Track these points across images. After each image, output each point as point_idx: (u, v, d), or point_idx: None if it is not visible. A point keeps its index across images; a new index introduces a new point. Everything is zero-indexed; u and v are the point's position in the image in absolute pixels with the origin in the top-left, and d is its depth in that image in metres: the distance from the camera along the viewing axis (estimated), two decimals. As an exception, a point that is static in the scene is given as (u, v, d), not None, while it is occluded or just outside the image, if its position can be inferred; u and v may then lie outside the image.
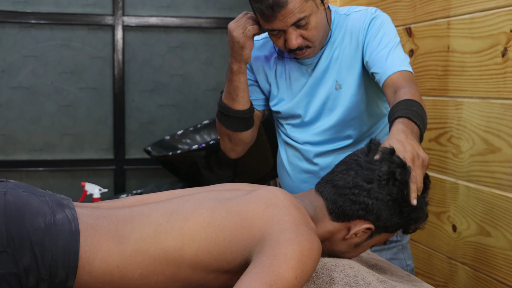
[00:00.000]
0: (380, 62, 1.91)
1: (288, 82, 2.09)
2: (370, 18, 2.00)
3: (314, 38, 1.93)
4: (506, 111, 2.02)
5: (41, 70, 3.98)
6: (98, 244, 1.50)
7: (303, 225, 1.50)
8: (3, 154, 3.97)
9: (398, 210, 1.60)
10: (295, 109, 2.08)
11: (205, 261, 1.51)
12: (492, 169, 2.10)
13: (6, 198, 1.49)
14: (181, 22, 4.12)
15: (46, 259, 1.45)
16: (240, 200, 1.56)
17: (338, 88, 2.02)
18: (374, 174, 1.58)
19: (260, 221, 1.50)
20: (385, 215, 1.60)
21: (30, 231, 1.46)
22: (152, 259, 1.51)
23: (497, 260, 2.09)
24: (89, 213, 1.57)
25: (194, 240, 1.51)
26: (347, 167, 1.64)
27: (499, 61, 2.05)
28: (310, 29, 1.90)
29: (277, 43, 1.96)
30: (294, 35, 1.89)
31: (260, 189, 1.61)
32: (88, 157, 4.09)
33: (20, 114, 3.97)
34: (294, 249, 1.43)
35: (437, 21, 2.38)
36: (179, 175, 3.77)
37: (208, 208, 1.55)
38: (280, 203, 1.54)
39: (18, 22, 3.92)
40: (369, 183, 1.59)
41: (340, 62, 2.02)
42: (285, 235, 1.45)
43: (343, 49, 2.02)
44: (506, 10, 2.01)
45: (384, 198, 1.58)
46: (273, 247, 1.43)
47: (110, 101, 4.09)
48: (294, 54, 1.97)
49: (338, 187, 1.63)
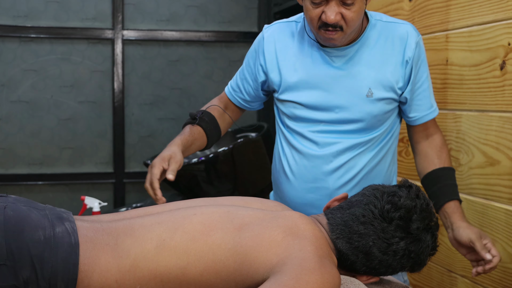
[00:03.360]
0: (420, 107, 1.99)
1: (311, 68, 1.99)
2: (416, 40, 1.95)
3: (352, 22, 1.85)
4: (505, 124, 2.03)
5: (41, 84, 3.99)
6: (97, 258, 1.49)
7: (326, 259, 1.49)
8: (3, 168, 3.98)
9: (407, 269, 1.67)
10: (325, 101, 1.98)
11: (210, 281, 1.49)
12: (491, 182, 2.10)
13: (6, 213, 1.49)
14: (180, 35, 4.14)
15: (45, 271, 1.45)
16: (256, 225, 1.53)
17: (369, 95, 1.94)
18: (390, 248, 1.61)
19: (278, 248, 1.48)
20: (391, 270, 1.66)
21: (30, 244, 1.46)
22: (152, 275, 1.49)
23: (497, 273, 2.09)
24: (88, 226, 1.57)
25: (201, 260, 1.49)
26: (365, 219, 1.63)
27: (497, 74, 2.06)
28: (353, 11, 1.83)
29: (311, 13, 1.86)
30: (336, 10, 1.82)
31: (279, 216, 1.58)
32: (87, 171, 4.10)
33: (20, 128, 3.98)
34: (317, 280, 1.41)
35: (435, 34, 2.39)
36: (179, 188, 3.77)
37: (219, 229, 1.52)
38: (301, 234, 1.52)
39: (18, 36, 3.93)
40: (384, 254, 1.61)
41: (377, 68, 1.94)
42: (309, 264, 1.44)
43: (378, 52, 1.95)
44: (503, 23, 2.02)
45: (396, 267, 1.64)
46: (295, 271, 1.41)
47: (110, 115, 4.10)
48: (324, 31, 1.87)
49: (352, 245, 1.63)
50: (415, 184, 1.70)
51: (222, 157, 3.59)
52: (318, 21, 1.86)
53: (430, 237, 1.66)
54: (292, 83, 2.00)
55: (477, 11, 2.15)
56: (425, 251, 1.66)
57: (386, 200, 1.63)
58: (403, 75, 1.95)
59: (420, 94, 1.98)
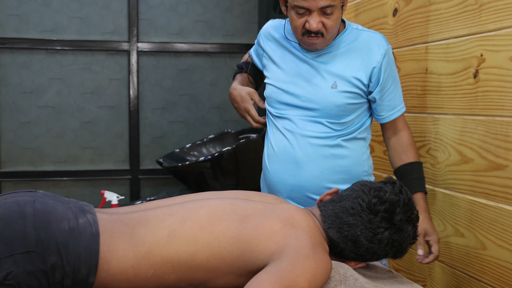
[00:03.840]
0: (387, 107, 2.05)
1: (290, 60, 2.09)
2: (384, 48, 2.01)
3: (331, 29, 1.92)
4: (478, 126, 2.03)
5: (65, 91, 4.00)
6: (115, 246, 1.50)
7: (319, 246, 1.51)
8: (32, 166, 3.98)
9: (392, 255, 1.69)
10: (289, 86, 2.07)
11: (216, 265, 1.50)
12: (465, 178, 2.11)
13: (35, 206, 1.50)
14: (189, 47, 4.14)
15: (70, 258, 1.46)
16: (257, 216, 1.54)
17: (334, 87, 2.00)
18: (376, 237, 1.63)
19: (277, 237, 1.49)
20: (376, 256, 1.67)
21: (56, 234, 1.46)
22: (164, 260, 1.50)
23: (470, 258, 2.09)
24: (108, 217, 1.57)
25: (208, 247, 1.50)
26: (354, 211, 1.64)
27: (471, 82, 2.06)
28: (332, 20, 1.90)
29: (295, 22, 1.93)
30: (317, 19, 1.89)
31: (277, 208, 1.59)
32: (106, 168, 4.10)
33: (47, 130, 3.98)
34: (311, 265, 1.43)
35: (416, 46, 2.39)
36: (187, 183, 3.77)
37: (224, 220, 1.53)
38: (297, 224, 1.53)
39: (45, 48, 3.94)
40: (371, 242, 1.63)
41: (344, 66, 2.01)
42: (304, 251, 1.45)
43: (348, 54, 2.02)
44: (477, 36, 2.02)
45: (381, 254, 1.66)
46: (292, 258, 1.43)
47: (126, 118, 4.10)
48: (307, 37, 1.94)
49: (342, 234, 1.64)
50: (398, 180, 1.71)
51: (226, 155, 3.59)
52: (302, 28, 1.93)
53: (411, 228, 1.67)
54: (273, 70, 2.12)
55: (453, 26, 2.15)
56: (406, 240, 1.66)
57: (373, 194, 1.64)
58: (368, 77, 2.00)
59: (388, 96, 2.04)
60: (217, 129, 4.20)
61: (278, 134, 2.09)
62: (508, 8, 1.87)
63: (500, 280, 1.95)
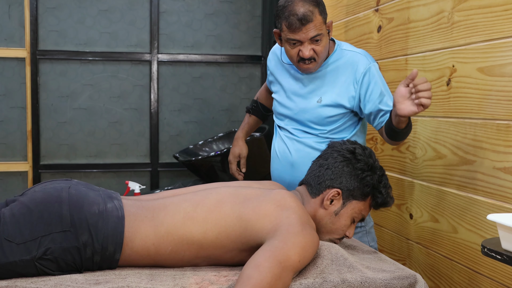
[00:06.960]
0: (383, 117, 1.96)
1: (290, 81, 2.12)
2: (365, 66, 1.98)
3: (321, 54, 1.94)
4: (450, 126, 2.03)
5: (96, 95, 4.00)
6: (138, 227, 1.51)
7: (306, 224, 1.51)
8: (67, 159, 3.99)
9: (354, 174, 1.67)
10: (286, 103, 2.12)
11: (223, 242, 1.51)
12: (439, 171, 2.11)
13: (70, 192, 1.51)
14: (202, 58, 4.14)
15: (99, 236, 1.46)
16: (255, 200, 1.56)
17: (319, 102, 2.03)
18: (328, 155, 1.72)
19: (271, 217, 1.50)
20: (345, 180, 1.66)
21: (88, 216, 1.47)
22: (180, 239, 1.51)
23: (443, 240, 2.09)
24: (132, 203, 1.58)
25: (216, 226, 1.51)
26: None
27: (445, 89, 2.06)
28: (321, 46, 1.92)
29: (290, 52, 1.95)
30: (309, 47, 1.91)
31: (272, 193, 1.61)
32: (130, 161, 4.10)
33: (80, 129, 3.99)
34: (300, 240, 1.43)
35: (397, 58, 2.39)
36: (200, 175, 3.77)
37: (228, 203, 1.55)
38: (288, 205, 1.54)
39: (79, 59, 3.94)
40: (326, 159, 1.70)
41: (330, 84, 2.02)
42: (293, 229, 1.45)
43: (334, 73, 2.02)
44: (449, 50, 2.02)
45: (338, 166, 1.68)
46: (283, 235, 1.43)
47: (147, 119, 4.11)
48: (302, 64, 1.96)
49: (310, 173, 1.73)
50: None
51: (234, 151, 3.59)
52: (297, 56, 1.95)
53: (379, 170, 1.71)
54: (276, 87, 2.18)
55: (429, 41, 2.15)
56: (378, 179, 1.69)
57: (346, 149, 1.72)
58: (351, 90, 2.00)
59: (380, 106, 1.96)
60: (225, 129, 4.20)
61: (279, 141, 2.16)
62: (476, 26, 1.87)
63: (468, 259, 1.95)
